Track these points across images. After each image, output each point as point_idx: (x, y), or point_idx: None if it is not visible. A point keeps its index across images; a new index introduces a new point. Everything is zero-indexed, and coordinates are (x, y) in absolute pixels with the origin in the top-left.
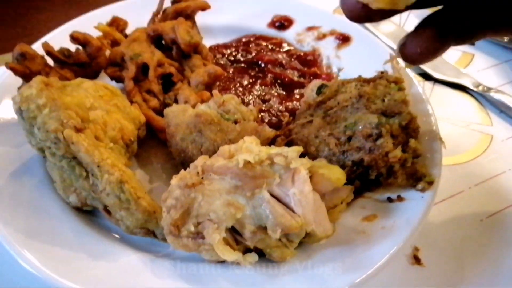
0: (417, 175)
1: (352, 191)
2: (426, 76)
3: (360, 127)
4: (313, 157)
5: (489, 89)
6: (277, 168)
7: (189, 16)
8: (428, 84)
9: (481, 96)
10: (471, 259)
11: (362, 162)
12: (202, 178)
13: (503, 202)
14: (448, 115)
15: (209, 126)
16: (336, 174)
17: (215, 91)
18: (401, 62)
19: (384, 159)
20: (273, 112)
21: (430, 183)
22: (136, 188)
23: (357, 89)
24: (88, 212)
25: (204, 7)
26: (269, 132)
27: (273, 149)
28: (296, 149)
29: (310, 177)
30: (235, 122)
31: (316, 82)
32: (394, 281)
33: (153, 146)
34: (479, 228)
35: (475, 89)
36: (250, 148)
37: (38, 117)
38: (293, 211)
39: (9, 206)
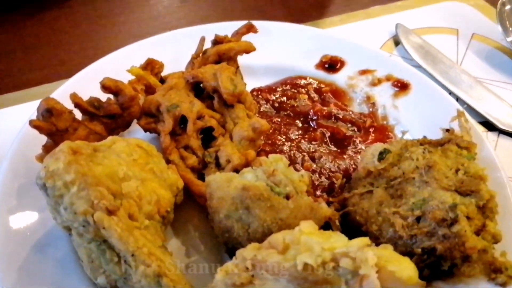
0: (496, 265)
1: (424, 286)
2: (489, 126)
3: (431, 207)
4: (374, 237)
5: None
6: (343, 272)
7: (232, 59)
8: (492, 136)
9: None
10: None
11: (434, 251)
12: (253, 275)
13: None
14: None
15: (258, 202)
16: (407, 272)
17: (263, 158)
18: (469, 119)
19: (461, 249)
20: (324, 172)
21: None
22: (176, 280)
23: (424, 157)
24: None
25: (249, 50)
26: (326, 210)
27: (336, 243)
28: (363, 243)
29: (377, 272)
30: (287, 196)
31: (377, 147)
32: None
33: (190, 210)
34: None
35: None
36: (310, 245)
37: (66, 196)
38: None
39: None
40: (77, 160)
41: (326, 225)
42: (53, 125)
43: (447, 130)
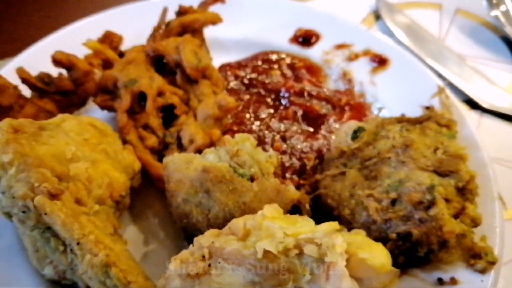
0: (475, 251)
1: (398, 275)
2: (472, 104)
3: (407, 189)
4: (347, 221)
5: None
6: (307, 260)
7: (197, 31)
8: (475, 115)
9: None
10: None
11: (410, 236)
12: (209, 265)
13: None
14: (500, 154)
15: (219, 185)
16: (379, 259)
17: (227, 137)
18: (451, 97)
19: (438, 234)
20: (295, 153)
21: (493, 262)
22: (126, 270)
23: (401, 136)
24: (67, 286)
25: (215, 21)
26: (294, 193)
27: (302, 228)
28: (330, 228)
29: (347, 260)
30: (251, 178)
31: (351, 124)
32: None
33: (149, 195)
34: None
35: None
36: (272, 231)
37: (3, 179)
38: None
39: None
40: (17, 139)
41: (295, 210)
42: None
43: (427, 108)
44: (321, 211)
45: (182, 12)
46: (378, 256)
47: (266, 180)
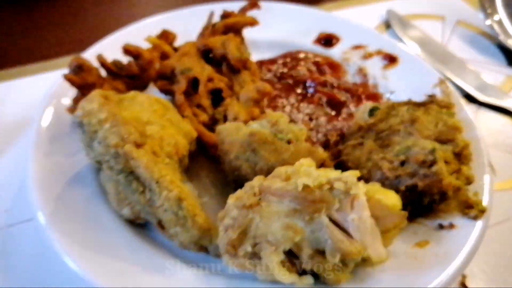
0: (469, 203)
1: (406, 217)
2: (470, 98)
3: (413, 152)
4: (365, 180)
5: None
6: (336, 193)
7: (238, 32)
8: (472, 107)
9: None
10: None
11: (416, 188)
12: (260, 199)
13: None
14: (493, 140)
15: (263, 145)
16: (392, 200)
17: (268, 110)
18: (450, 86)
19: (438, 186)
20: (320, 131)
21: (482, 211)
22: (193, 205)
23: (409, 114)
24: (140, 225)
25: (253, 23)
26: (322, 153)
27: (332, 174)
28: (354, 174)
29: (366, 200)
30: (288, 142)
31: (367, 105)
32: None
33: (202, 161)
34: None
35: None
36: (309, 172)
37: (99, 132)
38: (351, 237)
39: (65, 216)
40: (108, 103)
41: None
42: (83, 79)
43: (430, 96)
44: None
45: (225, 15)
46: (391, 198)
47: (300, 143)
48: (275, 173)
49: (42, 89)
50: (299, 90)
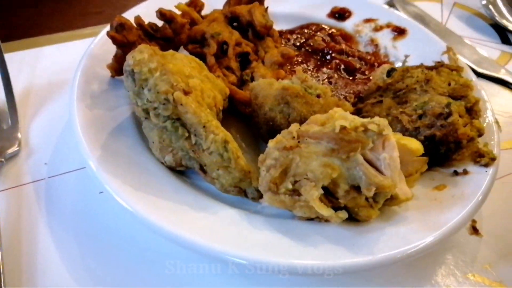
0: (480, 152)
1: (426, 162)
2: None
3: (430, 107)
4: None
5: None
6: (370, 134)
7: (261, 1)
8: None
9: None
10: None
11: (434, 138)
12: (298, 142)
13: None
14: (491, 106)
15: (296, 98)
16: (415, 145)
17: (298, 68)
18: (456, 53)
19: (454, 135)
20: (339, 93)
21: (493, 159)
22: (237, 148)
23: (423, 74)
24: (180, 172)
25: None
26: (349, 106)
27: (364, 119)
28: (384, 119)
29: None
30: (318, 96)
31: (385, 66)
32: (458, 247)
33: (231, 118)
34: None
35: None
36: (345, 116)
37: (150, 80)
38: (383, 174)
39: (112, 160)
40: (156, 54)
41: None
42: (124, 37)
43: (438, 62)
44: None
45: None
46: (414, 143)
47: (329, 97)
48: (310, 120)
49: (71, 55)
50: (317, 57)
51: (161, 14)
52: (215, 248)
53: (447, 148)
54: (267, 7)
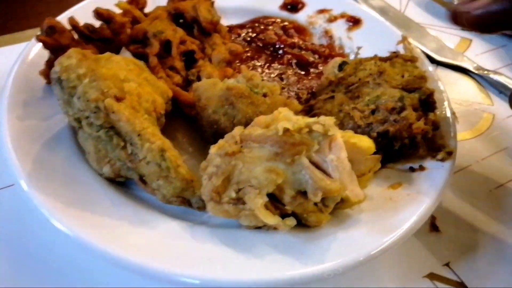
0: (436, 146)
1: (379, 160)
2: (429, 59)
3: (383, 101)
4: None
5: (488, 71)
6: (315, 135)
7: None
8: (431, 67)
9: (481, 78)
10: (483, 226)
11: (387, 133)
12: (241, 146)
13: (507, 175)
14: (452, 95)
15: (241, 99)
16: (366, 143)
17: (243, 66)
18: (412, 42)
19: (408, 130)
20: (291, 89)
21: (450, 153)
22: (176, 156)
23: (376, 66)
24: (120, 183)
25: None
26: (297, 105)
27: (309, 119)
28: (330, 119)
29: None
30: (264, 95)
31: (336, 60)
32: (417, 246)
33: (177, 121)
34: (489, 198)
35: (475, 72)
36: (288, 117)
37: (79, 87)
38: (331, 177)
39: (46, 176)
40: (86, 59)
41: None
42: (56, 41)
43: (394, 52)
44: None
45: None
46: (365, 141)
47: (276, 96)
48: (254, 122)
49: (9, 60)
50: (268, 52)
51: (98, 14)
52: (147, 266)
53: (402, 144)
54: (213, 2)
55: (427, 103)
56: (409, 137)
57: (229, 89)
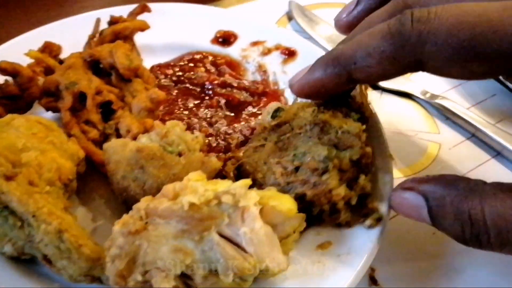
0: (364, 212)
1: (304, 219)
2: (374, 86)
3: (308, 159)
4: (260, 184)
5: (435, 96)
6: (225, 207)
7: (128, 37)
8: (376, 93)
9: (428, 104)
10: (427, 271)
11: (305, 197)
12: (146, 223)
13: None
14: (397, 124)
15: (151, 161)
16: (287, 205)
17: (157, 122)
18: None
19: (327, 196)
20: (221, 135)
21: (379, 219)
22: (77, 235)
23: (313, 116)
24: (26, 261)
25: (143, 28)
26: (216, 163)
27: (220, 186)
28: (244, 183)
29: (261, 210)
30: (179, 154)
31: (273, 105)
32: None
33: (95, 180)
34: (432, 240)
35: (421, 97)
36: (195, 188)
37: None
38: (245, 251)
39: None
40: None
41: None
42: None
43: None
44: (243, 178)
45: (113, 21)
46: (286, 203)
47: (192, 154)
48: (163, 191)
49: None
50: (197, 94)
51: (1, 69)
52: None
53: (321, 209)
54: (133, 45)
55: (361, 164)
56: (329, 203)
57: (139, 151)
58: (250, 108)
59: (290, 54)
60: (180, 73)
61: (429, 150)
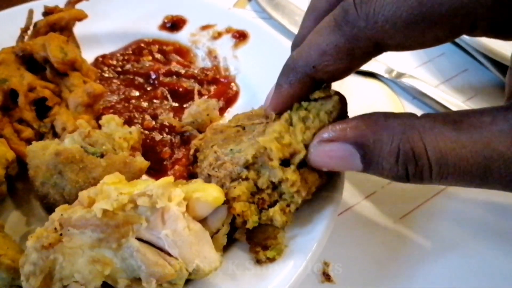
0: (262, 243)
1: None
2: None
3: (234, 157)
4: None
5: (401, 74)
6: (142, 210)
7: (65, 28)
8: None
9: (394, 83)
10: (386, 264)
11: None
12: (61, 234)
13: (417, 200)
14: (361, 105)
15: (70, 165)
16: (212, 194)
17: (79, 120)
18: None
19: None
20: (165, 128)
21: (272, 259)
22: (15, 256)
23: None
24: None
25: (81, 17)
26: (142, 162)
27: (140, 186)
28: (163, 182)
29: (187, 205)
30: (102, 155)
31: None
32: None
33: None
34: (394, 230)
35: (387, 76)
36: (108, 193)
37: None
38: (169, 254)
39: None
40: None
41: None
42: None
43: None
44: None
45: (48, 12)
46: (211, 192)
47: (114, 155)
48: (79, 198)
49: None
50: (140, 85)
51: None
52: None
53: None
54: (70, 36)
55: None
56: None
57: (58, 154)
58: (198, 97)
59: (241, 36)
60: (125, 63)
61: None
